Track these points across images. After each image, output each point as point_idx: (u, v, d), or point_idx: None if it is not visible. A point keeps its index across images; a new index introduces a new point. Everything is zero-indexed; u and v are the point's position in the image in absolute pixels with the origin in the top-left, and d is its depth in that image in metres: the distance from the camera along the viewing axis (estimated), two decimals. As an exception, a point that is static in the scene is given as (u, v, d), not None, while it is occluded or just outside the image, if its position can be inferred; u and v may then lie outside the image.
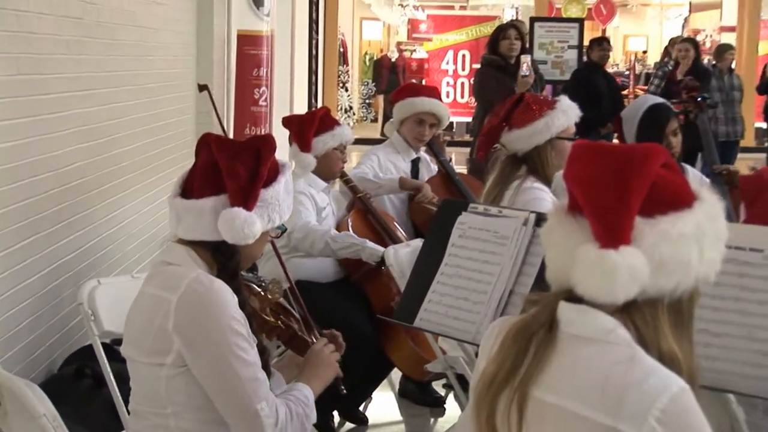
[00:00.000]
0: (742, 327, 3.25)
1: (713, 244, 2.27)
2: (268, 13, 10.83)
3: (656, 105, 6.04)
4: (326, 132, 6.12)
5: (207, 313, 3.18)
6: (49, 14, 5.71)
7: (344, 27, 25.94)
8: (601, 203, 2.20)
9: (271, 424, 3.18)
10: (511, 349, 2.27)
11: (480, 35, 23.03)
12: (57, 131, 5.83)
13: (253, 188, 3.29)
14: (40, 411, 3.17)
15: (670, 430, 2.11)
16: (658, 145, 2.34)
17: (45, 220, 5.68)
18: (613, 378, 2.16)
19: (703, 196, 2.29)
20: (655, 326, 2.23)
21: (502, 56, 11.04)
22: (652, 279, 2.18)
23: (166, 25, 8.44)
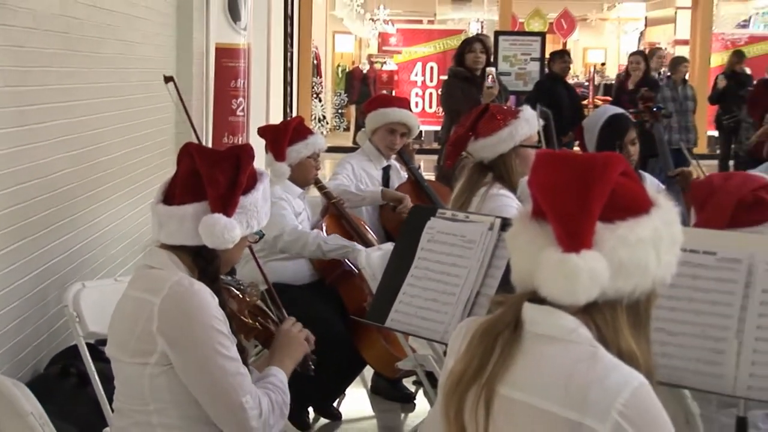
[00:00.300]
0: (696, 326, 3.26)
1: (669, 248, 2.29)
2: (245, 27, 10.82)
3: (616, 115, 6.07)
4: (300, 141, 6.13)
5: (189, 314, 3.18)
6: (35, 28, 5.69)
7: (318, 40, 25.90)
8: (563, 209, 2.21)
9: (255, 416, 3.19)
10: (478, 348, 2.28)
11: (447, 48, 23.07)
12: (42, 140, 5.81)
13: (233, 195, 3.29)
14: (28, 409, 3.16)
15: (633, 423, 2.12)
16: (617, 154, 2.38)
17: (31, 225, 5.65)
18: (577, 375, 2.17)
19: (660, 203, 2.31)
20: (614, 326, 2.25)
21: (468, 68, 11.08)
22: (612, 281, 2.20)
23: (147, 38, 8.42)
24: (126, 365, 3.31)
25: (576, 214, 2.20)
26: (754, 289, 3.22)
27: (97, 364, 4.36)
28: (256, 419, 3.19)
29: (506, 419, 2.23)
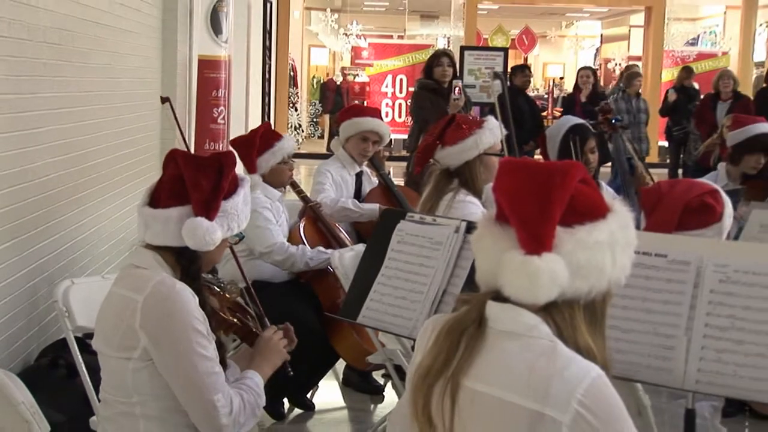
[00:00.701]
0: (647, 324, 3.27)
1: (624, 251, 2.30)
2: (226, 40, 10.81)
3: (576, 125, 6.08)
4: (267, 151, 6.06)
5: (170, 312, 3.18)
6: (28, 39, 5.68)
7: (294, 53, 25.90)
8: (525, 214, 2.22)
9: (225, 414, 3.19)
10: (444, 344, 2.28)
11: (415, 62, 23.06)
12: (35, 145, 5.80)
13: (215, 200, 3.30)
14: (19, 398, 3.16)
15: (592, 411, 2.13)
16: (577, 162, 2.39)
17: (23, 225, 5.64)
18: (538, 368, 2.17)
19: (616, 208, 2.32)
20: (572, 324, 2.26)
21: (436, 81, 11.10)
22: (570, 282, 2.21)
23: (134, 50, 8.40)
24: (111, 359, 3.31)
25: (537, 219, 2.21)
26: (702, 289, 3.23)
27: (84, 357, 4.34)
28: (227, 416, 3.19)
29: (471, 411, 2.23)
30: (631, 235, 2.34)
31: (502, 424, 2.20)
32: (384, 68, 23.90)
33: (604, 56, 33.66)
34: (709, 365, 3.19)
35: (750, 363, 3.14)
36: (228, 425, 3.19)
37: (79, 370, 4.32)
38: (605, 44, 34.39)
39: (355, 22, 30.79)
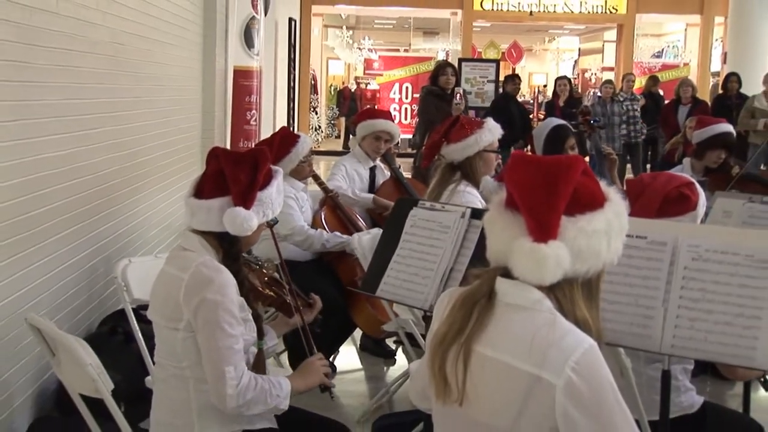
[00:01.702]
0: (630, 296, 3.27)
1: (618, 236, 2.32)
2: (257, 53, 10.80)
3: (558, 125, 6.11)
4: (285, 157, 5.97)
5: (206, 290, 3.17)
6: (89, 52, 5.69)
7: (314, 65, 25.88)
8: (534, 204, 2.23)
9: (233, 385, 3.14)
10: (458, 313, 2.29)
11: (419, 72, 23.04)
12: (94, 144, 5.82)
13: (251, 191, 3.30)
14: (87, 361, 3.16)
15: (582, 377, 2.14)
16: (579, 156, 2.38)
17: (85, 212, 5.66)
18: (539, 337, 2.19)
19: (612, 197, 2.33)
20: (571, 299, 2.27)
21: (441, 87, 11.13)
22: (572, 265, 2.23)
23: (178, 62, 8.40)
24: (163, 328, 3.31)
25: (545, 209, 2.21)
26: (677, 266, 3.24)
27: (140, 325, 4.36)
28: (233, 388, 3.14)
29: (480, 372, 2.24)
30: (624, 221, 2.35)
31: (506, 385, 2.21)
32: (392, 77, 23.88)
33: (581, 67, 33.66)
34: (683, 332, 3.19)
35: (718, 330, 3.15)
36: (233, 396, 3.15)
37: (135, 336, 4.33)
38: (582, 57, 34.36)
39: (366, 37, 30.73)
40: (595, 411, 2.15)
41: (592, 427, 2.15)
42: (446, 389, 2.27)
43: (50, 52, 5.05)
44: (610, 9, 24.59)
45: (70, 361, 3.25)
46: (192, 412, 3.27)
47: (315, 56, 26.17)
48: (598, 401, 2.15)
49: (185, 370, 3.26)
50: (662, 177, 3.87)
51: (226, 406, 3.16)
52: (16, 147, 4.62)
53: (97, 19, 5.88)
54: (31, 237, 4.81)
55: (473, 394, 2.25)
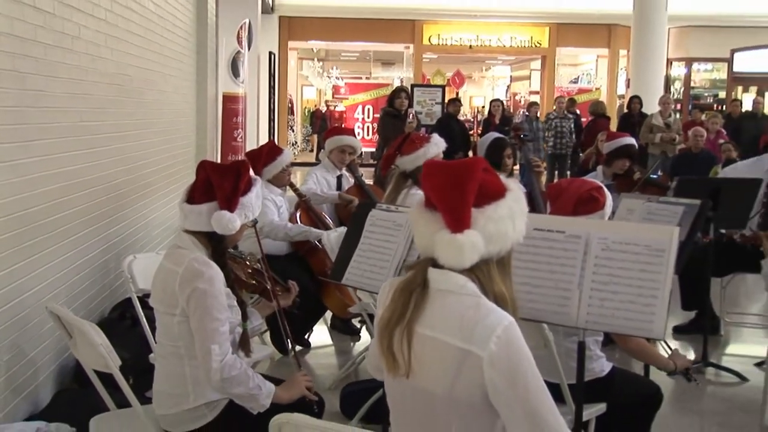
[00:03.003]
0: (551, 281, 3.30)
1: (521, 218, 2.31)
2: (242, 81, 10.77)
3: (498, 138, 6.17)
4: (271, 163, 6.08)
5: (197, 281, 3.16)
6: (100, 82, 5.66)
7: (291, 90, 25.82)
8: (448, 203, 2.23)
9: (217, 360, 3.12)
10: (399, 300, 2.29)
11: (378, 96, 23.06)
12: (105, 158, 5.78)
13: (235, 197, 3.29)
14: (98, 341, 3.13)
15: (503, 349, 2.14)
16: (479, 157, 2.42)
17: (98, 216, 5.62)
18: (467, 317, 2.18)
19: (512, 187, 2.33)
20: (489, 277, 2.27)
21: (396, 109, 11.20)
22: (485, 248, 2.22)
23: (176, 89, 8.36)
24: (162, 314, 3.30)
25: (457, 205, 2.22)
26: (589, 255, 3.27)
27: (144, 311, 4.32)
28: (217, 363, 3.12)
29: (422, 349, 2.23)
30: (524, 206, 2.34)
31: (443, 359, 2.20)
32: (356, 101, 23.90)
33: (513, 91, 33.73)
34: (595, 309, 3.23)
35: (623, 307, 3.20)
36: (217, 369, 3.12)
37: (140, 321, 4.29)
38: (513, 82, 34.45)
39: (334, 67, 30.72)
40: (513, 377, 2.14)
41: (511, 391, 2.14)
42: (395, 365, 2.26)
43: (66, 83, 5.00)
44: (535, 43, 24.71)
45: (84, 342, 3.22)
46: (187, 384, 3.24)
47: (291, 83, 26.12)
48: (516, 369, 2.15)
49: (180, 348, 3.24)
50: (576, 182, 3.90)
51: (211, 378, 3.14)
52: (40, 162, 4.58)
53: (107, 54, 5.84)
54: (51, 238, 4.77)
55: (417, 367, 2.24)
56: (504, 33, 24.58)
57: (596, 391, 3.71)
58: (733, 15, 22.29)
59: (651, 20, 18.10)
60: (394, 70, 30.68)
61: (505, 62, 32.35)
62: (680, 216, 4.80)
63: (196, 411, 3.25)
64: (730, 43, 23.01)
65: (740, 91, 23.08)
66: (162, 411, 3.31)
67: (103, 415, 3.51)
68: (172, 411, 3.28)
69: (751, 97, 19.79)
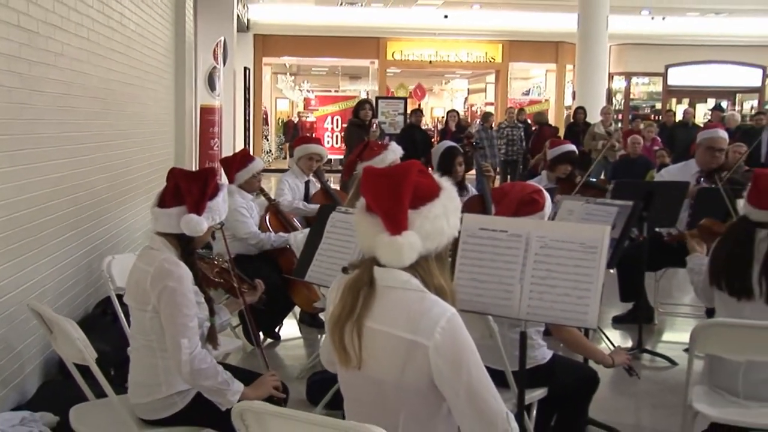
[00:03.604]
0: (495, 276, 3.29)
1: (454, 214, 2.30)
2: (218, 94, 10.75)
3: (450, 147, 6.14)
4: (243, 169, 6.04)
5: (167, 280, 3.13)
6: (82, 95, 5.63)
7: (266, 102, 25.73)
8: (385, 207, 2.22)
9: (186, 353, 3.08)
10: (348, 297, 2.27)
11: (346, 107, 22.95)
12: (88, 167, 5.74)
13: (202, 201, 3.26)
14: (75, 335, 3.10)
15: (447, 338, 2.14)
16: (413, 161, 2.37)
17: (82, 220, 5.59)
18: (412, 311, 2.18)
19: (445, 186, 2.31)
20: (429, 272, 2.26)
21: (361, 119, 11.17)
22: (423, 246, 2.22)
23: (156, 102, 8.31)
24: (135, 310, 3.27)
25: (394, 209, 2.20)
26: (529, 253, 3.27)
27: (122, 308, 4.28)
28: (187, 355, 3.08)
29: (371, 342, 2.22)
30: (457, 203, 2.33)
31: (392, 350, 2.20)
32: (325, 112, 23.82)
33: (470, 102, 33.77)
34: (535, 302, 3.23)
35: (560, 300, 3.21)
36: (186, 361, 3.08)
37: (119, 316, 4.25)
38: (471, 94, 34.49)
39: (305, 81, 30.64)
40: (457, 363, 2.15)
41: (455, 376, 2.15)
42: (347, 358, 2.25)
43: (49, 96, 4.95)
44: (490, 59, 24.82)
45: (63, 337, 3.19)
46: (159, 374, 3.22)
47: (266, 96, 26.04)
48: (460, 356, 2.15)
49: (153, 342, 3.21)
50: (518, 186, 3.90)
51: (182, 370, 3.11)
52: (24, 170, 4.53)
53: (90, 70, 5.79)
54: (37, 240, 4.73)
55: (368, 359, 2.23)
56: (461, 49, 24.67)
57: (538, 377, 3.73)
58: (667, 34, 22.58)
59: (594, 38, 18.22)
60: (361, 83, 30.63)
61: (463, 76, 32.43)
62: (615, 216, 4.83)
63: (168, 400, 3.23)
64: (665, 59, 23.34)
65: (674, 102, 23.37)
66: (136, 400, 3.28)
67: (81, 405, 3.47)
68: (146, 400, 3.25)
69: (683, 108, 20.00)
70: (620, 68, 23.99)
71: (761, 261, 3.76)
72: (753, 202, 3.84)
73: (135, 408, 3.29)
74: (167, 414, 3.25)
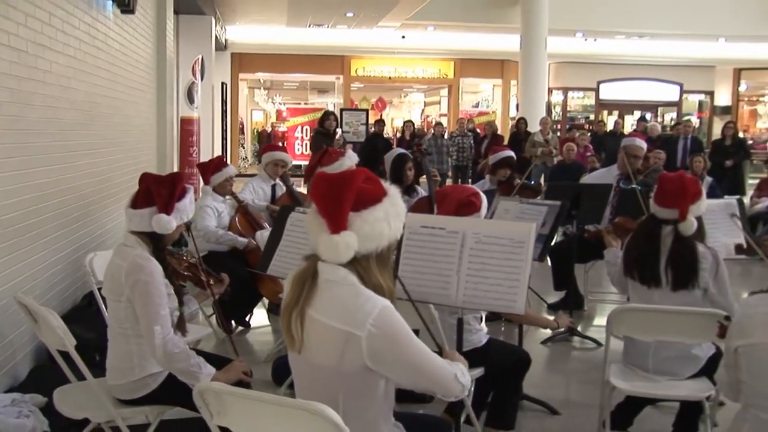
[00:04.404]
0: (435, 268, 3.32)
1: (397, 219, 2.28)
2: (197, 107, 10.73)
3: (400, 154, 6.14)
4: (217, 173, 6.11)
5: (139, 274, 3.12)
6: (70, 108, 5.58)
7: (242, 113, 25.58)
8: (328, 209, 2.21)
9: (160, 338, 3.07)
10: (295, 288, 2.27)
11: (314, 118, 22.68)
12: (75, 173, 5.70)
13: (171, 202, 3.26)
14: (55, 324, 3.08)
15: (379, 328, 2.14)
16: (361, 168, 2.35)
17: (70, 220, 5.54)
18: (348, 303, 2.18)
19: (390, 192, 2.30)
20: (367, 270, 2.25)
21: (326, 129, 11.17)
22: (362, 246, 2.21)
23: (139, 113, 8.23)
24: (111, 301, 3.25)
25: (335, 212, 2.19)
26: (465, 248, 3.30)
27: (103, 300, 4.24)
28: (160, 340, 3.07)
29: (312, 329, 2.22)
30: (401, 207, 2.31)
31: (329, 339, 2.19)
32: (296, 122, 23.73)
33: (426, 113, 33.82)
34: (470, 291, 3.27)
35: (492, 289, 3.24)
36: (159, 345, 3.07)
37: (101, 307, 4.22)
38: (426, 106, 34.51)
39: (278, 95, 30.52)
40: (394, 348, 2.16)
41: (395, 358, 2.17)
42: (292, 341, 2.25)
43: (39, 109, 4.91)
44: (443, 75, 24.91)
45: (46, 326, 3.17)
46: (133, 358, 3.21)
47: (243, 108, 25.86)
48: (395, 340, 2.16)
49: (127, 329, 3.20)
50: (458, 188, 3.93)
51: (156, 353, 3.10)
52: (17, 175, 4.50)
53: (76, 86, 5.74)
54: (28, 238, 4.69)
55: (309, 344, 2.23)
56: (417, 66, 24.72)
57: (475, 358, 3.68)
58: (599, 54, 22.81)
59: (534, 57, 18.35)
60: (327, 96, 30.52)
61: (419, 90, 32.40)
62: (545, 214, 4.89)
63: (141, 381, 3.22)
64: (597, 76, 23.60)
65: (605, 114, 23.59)
66: (113, 382, 3.27)
67: (64, 387, 3.45)
68: (121, 382, 3.24)
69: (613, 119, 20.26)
70: (558, 84, 24.19)
71: (667, 254, 3.85)
72: (659, 202, 3.92)
73: (112, 389, 3.28)
74: (141, 394, 3.24)
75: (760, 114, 25.62)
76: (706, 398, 3.61)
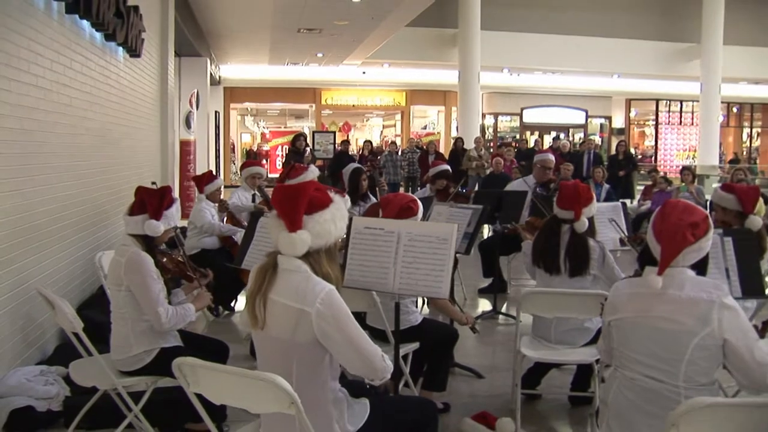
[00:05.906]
0: (376, 261, 3.28)
1: (341, 220, 2.30)
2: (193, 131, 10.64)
3: (356, 168, 6.12)
4: (210, 183, 6.14)
5: (137, 267, 3.14)
6: (87, 134, 5.52)
7: (233, 136, 25.35)
8: (286, 213, 2.23)
9: (164, 317, 3.12)
10: (259, 276, 2.28)
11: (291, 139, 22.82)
12: (92, 186, 5.66)
13: (160, 210, 3.28)
14: (66, 310, 3.07)
15: (326, 306, 2.15)
16: (312, 181, 2.36)
17: (86, 226, 5.49)
18: (301, 287, 2.19)
19: (336, 200, 2.32)
20: (318, 262, 2.26)
21: (297, 148, 11.13)
22: (314, 242, 2.23)
23: (145, 138, 8.16)
24: (112, 290, 3.26)
25: (292, 215, 2.21)
26: (400, 245, 3.27)
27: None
28: (165, 318, 3.13)
29: (273, 310, 2.22)
30: (344, 211, 2.32)
31: (286, 316, 2.19)
32: (277, 143, 23.70)
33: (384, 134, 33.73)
34: (405, 280, 3.24)
35: (423, 279, 3.21)
36: (166, 323, 3.13)
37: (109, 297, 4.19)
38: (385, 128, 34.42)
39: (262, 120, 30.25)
40: (337, 324, 2.16)
41: (337, 333, 2.17)
42: (255, 321, 2.25)
43: (61, 135, 4.89)
44: (397, 103, 24.98)
45: (59, 312, 3.17)
46: (130, 337, 3.22)
47: (234, 131, 25.62)
48: (338, 319, 2.17)
49: (125, 314, 3.22)
50: (399, 196, 3.84)
51: (163, 329, 3.17)
52: (43, 189, 4.49)
53: (93, 116, 5.69)
54: (54, 240, 4.69)
55: (270, 322, 2.23)
56: (376, 96, 24.76)
57: (411, 335, 3.73)
58: (522, 86, 23.10)
59: (470, 88, 18.50)
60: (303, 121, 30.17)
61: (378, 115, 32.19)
62: (470, 216, 4.94)
63: (137, 357, 3.23)
64: (521, 103, 23.86)
65: (528, 134, 23.81)
66: (115, 357, 3.28)
67: (78, 361, 3.45)
68: (122, 357, 3.25)
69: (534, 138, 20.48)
70: (490, 110, 24.40)
71: (565, 247, 3.94)
72: (559, 205, 4.00)
73: (115, 363, 3.28)
74: (138, 367, 3.25)
75: (646, 134, 26.34)
76: (595, 361, 3.67)
